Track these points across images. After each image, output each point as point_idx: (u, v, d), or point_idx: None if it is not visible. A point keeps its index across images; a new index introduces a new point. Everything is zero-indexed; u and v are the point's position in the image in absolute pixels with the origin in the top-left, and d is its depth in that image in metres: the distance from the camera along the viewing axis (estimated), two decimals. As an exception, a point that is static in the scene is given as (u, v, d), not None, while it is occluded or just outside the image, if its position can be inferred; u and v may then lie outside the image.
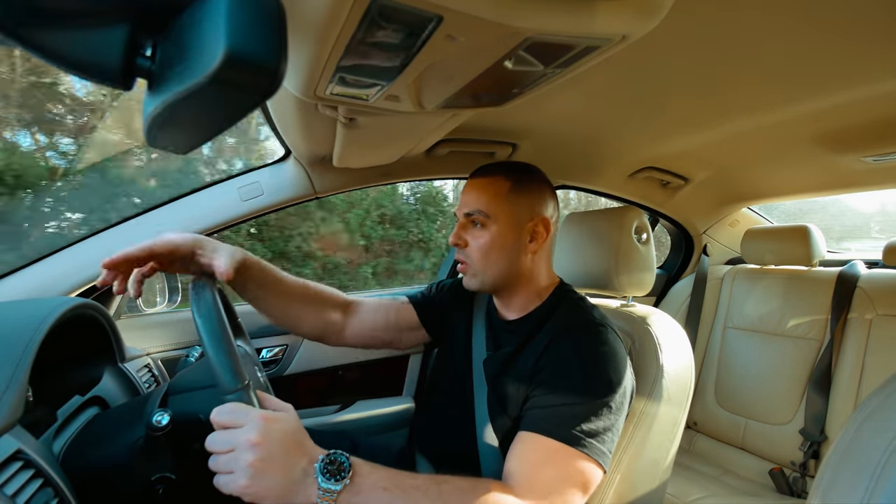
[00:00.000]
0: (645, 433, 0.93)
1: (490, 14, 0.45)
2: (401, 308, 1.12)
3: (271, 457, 0.59)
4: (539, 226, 0.94)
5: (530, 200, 0.94)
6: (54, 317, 0.73)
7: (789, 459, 1.61)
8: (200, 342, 0.64)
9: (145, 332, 1.33)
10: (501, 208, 0.92)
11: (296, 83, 0.65)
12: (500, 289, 0.97)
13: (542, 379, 0.82)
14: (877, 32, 0.71)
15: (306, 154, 1.19)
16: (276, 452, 0.59)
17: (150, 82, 0.36)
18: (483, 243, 0.92)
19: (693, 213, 2.05)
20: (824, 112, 1.04)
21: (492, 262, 0.93)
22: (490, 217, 0.92)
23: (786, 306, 1.78)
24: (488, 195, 0.93)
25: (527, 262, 0.94)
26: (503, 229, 0.92)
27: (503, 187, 0.93)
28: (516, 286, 0.96)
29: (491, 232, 0.92)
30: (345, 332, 1.07)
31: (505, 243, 0.92)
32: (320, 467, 0.61)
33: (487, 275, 0.94)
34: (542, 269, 0.97)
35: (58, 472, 0.61)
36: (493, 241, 0.92)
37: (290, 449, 0.61)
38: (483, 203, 0.92)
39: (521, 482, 0.72)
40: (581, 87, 0.94)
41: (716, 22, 0.69)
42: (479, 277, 0.94)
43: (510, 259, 0.93)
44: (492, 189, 0.93)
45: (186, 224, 1.18)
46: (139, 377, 1.02)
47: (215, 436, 0.60)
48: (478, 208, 0.92)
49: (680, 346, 1.00)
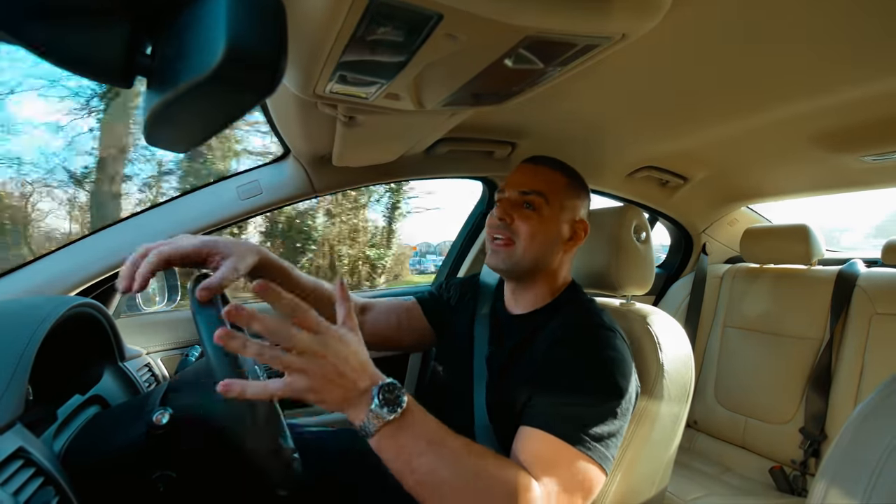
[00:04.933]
0: (645, 432, 0.93)
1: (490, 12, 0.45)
2: (410, 309, 1.12)
3: (339, 370, 0.60)
4: (580, 227, 0.96)
5: (579, 202, 0.96)
6: (55, 316, 0.73)
7: (789, 458, 1.61)
8: (200, 341, 0.64)
9: (145, 332, 1.33)
10: (558, 198, 0.93)
11: (295, 81, 0.66)
12: (524, 277, 0.97)
13: (549, 377, 0.81)
14: (875, 32, 0.71)
15: (306, 152, 1.19)
16: (345, 367, 0.61)
17: (150, 80, 0.36)
18: (533, 224, 0.92)
19: (692, 212, 2.05)
20: (823, 111, 1.04)
21: (535, 245, 0.92)
22: (547, 201, 0.92)
23: (785, 305, 1.78)
24: (547, 182, 0.93)
25: (558, 259, 0.96)
26: (554, 217, 0.93)
27: (561, 180, 0.94)
28: (538, 278, 0.96)
29: (543, 216, 0.92)
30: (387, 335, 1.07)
31: (550, 232, 0.93)
32: (377, 391, 0.62)
33: (526, 258, 0.93)
34: (563, 270, 0.99)
35: (58, 471, 0.61)
36: (542, 225, 0.92)
37: (356, 367, 0.62)
38: (542, 186, 0.93)
39: None
40: (580, 85, 0.94)
41: (714, 21, 0.69)
42: (516, 258, 0.93)
43: (550, 250, 0.94)
44: (552, 178, 0.94)
45: (186, 223, 1.18)
46: (139, 376, 1.02)
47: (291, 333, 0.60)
48: (537, 188, 0.92)
49: (680, 345, 1.01)
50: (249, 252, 0.80)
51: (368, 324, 1.07)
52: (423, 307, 1.12)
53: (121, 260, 1.12)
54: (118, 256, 1.12)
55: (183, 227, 1.17)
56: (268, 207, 1.26)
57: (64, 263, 1.09)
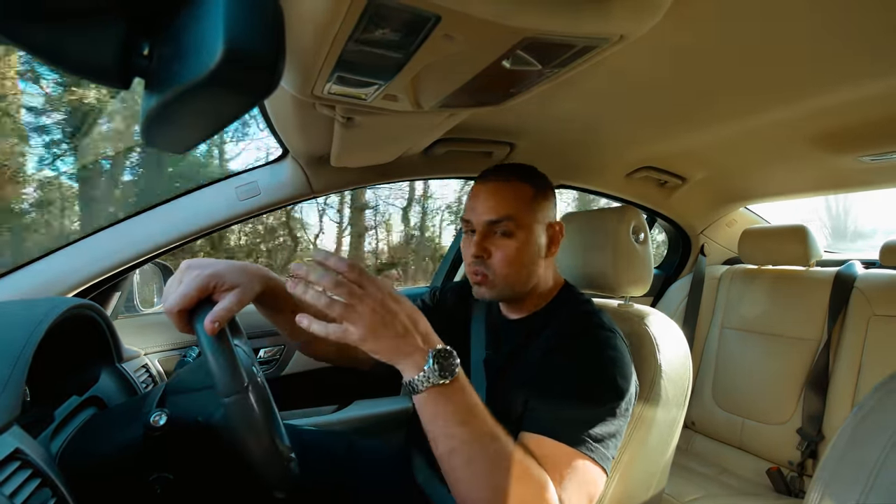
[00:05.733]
0: (643, 433, 0.93)
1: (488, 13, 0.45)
2: None
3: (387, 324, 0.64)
4: (555, 230, 0.94)
5: (549, 204, 0.94)
6: (52, 317, 0.73)
7: (787, 459, 1.62)
8: (198, 343, 0.64)
9: (143, 333, 1.33)
10: (529, 216, 0.89)
11: (293, 82, 0.65)
12: (516, 297, 0.95)
13: (548, 380, 0.81)
14: (873, 32, 0.71)
15: (304, 153, 1.19)
16: (408, 323, 0.66)
17: (148, 81, 0.36)
18: (509, 253, 0.88)
19: (690, 212, 2.06)
20: (821, 112, 1.05)
21: (514, 272, 0.89)
22: (519, 226, 0.88)
23: (783, 306, 1.79)
24: (515, 202, 0.89)
25: (542, 269, 0.94)
26: (531, 237, 0.89)
27: (527, 193, 0.90)
28: (528, 291, 0.95)
29: (518, 241, 0.88)
30: (359, 354, 1.02)
31: (531, 252, 0.90)
32: (433, 354, 0.65)
33: (507, 285, 0.90)
34: (550, 274, 0.97)
35: (55, 472, 0.61)
36: (520, 250, 0.88)
37: (406, 325, 0.66)
38: (512, 210, 0.88)
39: None
40: (579, 86, 0.94)
41: (713, 21, 0.69)
42: (499, 289, 0.91)
43: (532, 268, 0.91)
44: (518, 195, 0.89)
45: (184, 224, 1.18)
46: (137, 377, 1.02)
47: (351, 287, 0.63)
48: (507, 215, 0.88)
49: (677, 347, 1.01)
50: (256, 280, 0.76)
51: None
52: None
53: (119, 261, 1.12)
54: (116, 258, 1.12)
55: (181, 228, 1.17)
56: (266, 208, 1.26)
57: (62, 264, 1.09)
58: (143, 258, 1.15)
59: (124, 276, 1.23)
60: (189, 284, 0.68)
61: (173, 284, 0.70)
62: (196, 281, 0.69)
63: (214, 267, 0.72)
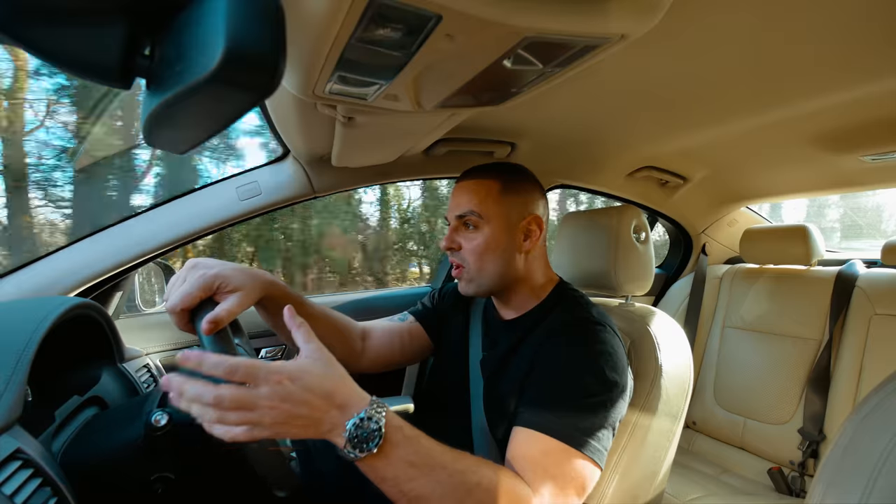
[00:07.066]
0: (644, 433, 0.93)
1: (489, 13, 0.45)
2: (411, 329, 1.11)
3: (293, 416, 0.58)
4: (532, 224, 0.94)
5: (521, 199, 0.94)
6: (53, 317, 0.73)
7: (788, 459, 1.62)
8: (200, 343, 0.64)
9: (144, 332, 1.33)
10: (494, 208, 0.92)
11: (294, 82, 0.65)
12: (497, 291, 0.97)
13: (538, 376, 0.82)
14: (874, 32, 0.71)
15: (305, 153, 1.19)
16: (301, 408, 0.58)
17: (149, 81, 0.36)
18: (477, 245, 0.92)
19: (692, 212, 2.06)
20: (822, 111, 1.04)
21: (486, 263, 0.92)
22: (483, 218, 0.91)
23: (784, 306, 1.78)
24: (479, 196, 0.92)
25: (522, 262, 0.94)
26: (496, 230, 0.92)
27: (494, 188, 0.93)
28: (513, 287, 0.96)
29: (484, 233, 0.91)
30: (362, 360, 1.04)
31: (499, 244, 0.92)
32: (351, 427, 0.60)
33: (483, 277, 0.93)
34: (538, 268, 0.97)
35: (56, 472, 0.61)
36: (486, 242, 0.91)
37: (317, 404, 0.59)
38: (475, 203, 0.92)
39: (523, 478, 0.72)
40: (580, 86, 0.94)
41: (713, 21, 0.69)
42: (476, 281, 0.94)
43: (505, 260, 0.93)
44: (483, 190, 0.93)
45: (185, 223, 1.18)
46: (138, 377, 1.02)
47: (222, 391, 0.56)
48: (470, 209, 0.92)
49: (679, 346, 1.01)
50: (259, 284, 0.77)
51: (370, 350, 1.05)
52: (423, 324, 1.12)
53: (120, 261, 1.12)
54: (117, 257, 1.12)
55: (182, 228, 1.17)
56: (267, 208, 1.26)
57: (63, 264, 1.09)
58: (144, 258, 1.15)
59: (126, 276, 1.23)
60: (193, 284, 0.69)
61: (177, 282, 0.71)
62: (200, 280, 0.69)
63: (220, 268, 0.72)
